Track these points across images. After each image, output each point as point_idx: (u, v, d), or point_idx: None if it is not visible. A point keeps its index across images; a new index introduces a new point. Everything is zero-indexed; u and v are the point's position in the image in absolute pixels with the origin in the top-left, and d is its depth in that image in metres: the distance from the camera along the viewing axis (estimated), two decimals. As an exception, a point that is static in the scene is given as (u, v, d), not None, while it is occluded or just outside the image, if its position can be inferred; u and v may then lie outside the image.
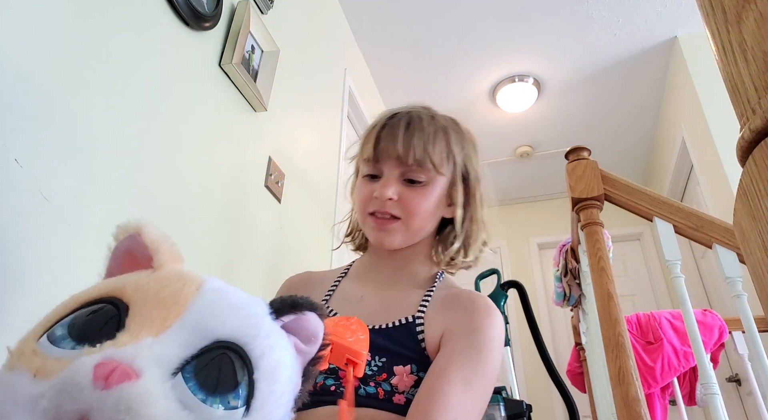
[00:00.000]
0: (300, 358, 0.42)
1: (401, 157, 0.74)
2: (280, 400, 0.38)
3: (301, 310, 0.43)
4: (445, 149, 0.77)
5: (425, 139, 0.75)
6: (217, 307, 0.37)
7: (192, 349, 0.34)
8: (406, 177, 0.76)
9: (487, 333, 0.69)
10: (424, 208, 0.75)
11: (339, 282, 0.84)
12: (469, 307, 0.72)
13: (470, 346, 0.67)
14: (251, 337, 0.36)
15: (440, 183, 0.77)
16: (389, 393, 0.67)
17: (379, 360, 0.69)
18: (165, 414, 0.30)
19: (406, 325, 0.72)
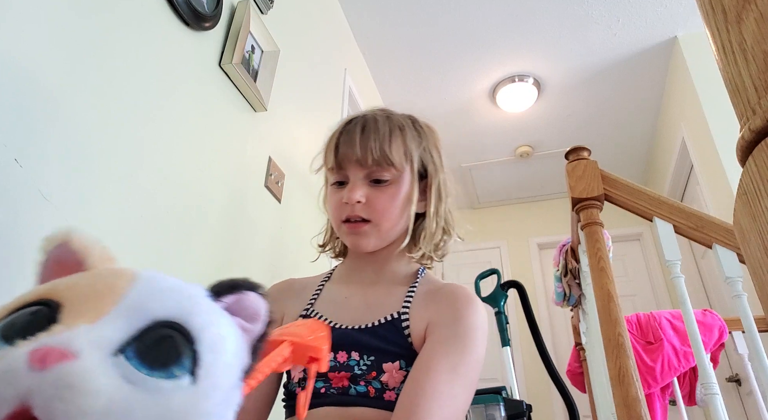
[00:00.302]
0: (246, 337, 0.43)
1: (361, 160, 0.76)
2: (227, 370, 0.38)
3: (241, 290, 0.44)
4: (402, 146, 0.78)
5: (381, 139, 0.76)
6: (153, 292, 0.38)
7: (131, 331, 0.34)
8: (371, 178, 0.77)
9: (469, 321, 0.70)
10: (392, 208, 0.76)
11: (323, 286, 0.84)
12: (450, 298, 0.74)
13: (454, 335, 0.69)
14: (189, 314, 0.37)
15: (405, 180, 0.78)
16: (380, 390, 0.68)
17: (368, 359, 0.70)
18: (108, 389, 0.31)
19: (392, 322, 0.73)
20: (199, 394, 0.35)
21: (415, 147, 0.80)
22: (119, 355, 0.33)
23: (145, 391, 0.32)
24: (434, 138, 0.86)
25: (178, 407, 0.33)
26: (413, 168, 0.79)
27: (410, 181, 0.79)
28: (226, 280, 0.44)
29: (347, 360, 0.71)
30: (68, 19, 0.90)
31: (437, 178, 0.82)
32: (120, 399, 0.31)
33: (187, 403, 0.34)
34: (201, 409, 0.34)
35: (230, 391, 0.39)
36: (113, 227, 0.95)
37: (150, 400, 0.32)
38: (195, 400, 0.34)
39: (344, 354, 0.71)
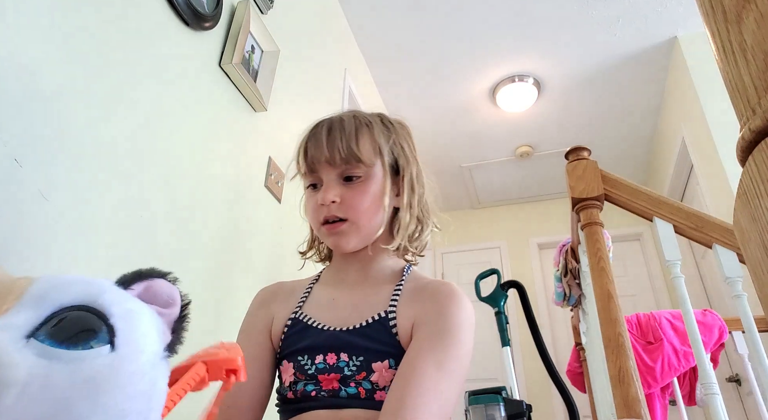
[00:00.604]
0: (164, 320, 0.45)
1: (330, 160, 0.76)
2: (147, 338, 0.40)
3: (147, 278, 0.46)
4: (370, 141, 0.78)
5: (347, 136, 0.77)
6: (55, 285, 0.39)
7: (39, 318, 0.36)
8: (343, 176, 0.78)
9: (453, 316, 0.70)
10: (366, 203, 0.76)
11: (311, 288, 0.85)
12: (435, 294, 0.74)
13: (439, 331, 0.69)
14: (96, 295, 0.39)
15: (377, 174, 0.78)
16: (370, 391, 0.68)
17: (357, 359, 0.70)
18: (24, 363, 0.32)
19: (380, 321, 0.73)
20: (122, 357, 0.36)
21: (384, 141, 0.80)
22: (31, 339, 0.34)
23: (62, 363, 0.34)
24: (405, 132, 0.86)
25: (101, 371, 0.35)
26: (384, 162, 0.79)
27: (382, 175, 0.79)
28: (131, 272, 0.46)
29: (336, 361, 0.71)
30: (68, 19, 0.90)
31: (409, 171, 0.81)
32: (39, 371, 0.32)
33: (110, 366, 0.35)
34: (126, 369, 0.36)
35: (156, 357, 0.41)
36: (113, 227, 0.95)
37: (69, 368, 0.34)
38: (118, 364, 0.36)
39: (333, 356, 0.71)
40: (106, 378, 0.35)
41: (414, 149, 0.86)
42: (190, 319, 0.48)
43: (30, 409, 0.31)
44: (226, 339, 1.06)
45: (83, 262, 0.86)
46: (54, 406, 0.32)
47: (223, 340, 0.62)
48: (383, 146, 0.79)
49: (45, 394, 0.32)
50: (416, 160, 0.85)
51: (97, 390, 0.34)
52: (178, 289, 0.48)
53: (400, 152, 0.82)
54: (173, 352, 0.45)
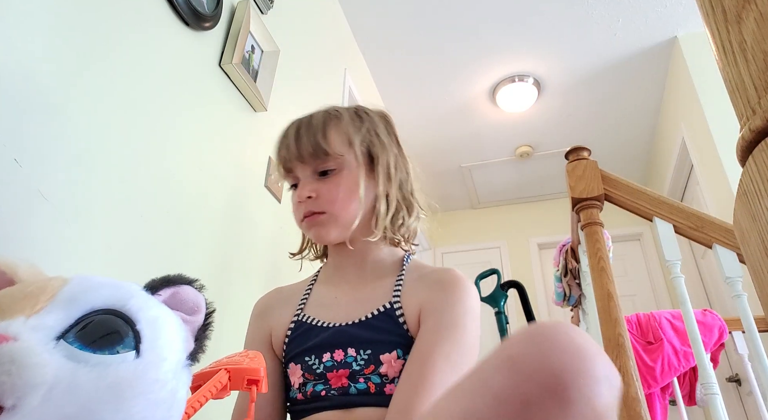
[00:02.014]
0: (188, 327, 0.45)
1: (300, 157, 0.78)
2: (171, 345, 0.41)
3: (175, 284, 0.46)
4: (337, 133, 0.78)
5: (314, 132, 0.78)
6: (87, 287, 0.40)
7: (70, 320, 0.36)
8: (318, 171, 0.78)
9: (461, 305, 0.70)
10: (340, 195, 0.76)
11: (311, 289, 0.85)
12: (440, 282, 0.74)
13: (446, 322, 0.68)
14: (125, 300, 0.39)
15: (350, 165, 0.78)
16: (380, 385, 0.68)
17: (365, 353, 0.70)
18: (52, 364, 0.33)
19: (386, 312, 0.73)
20: (145, 365, 0.37)
21: (354, 131, 0.79)
22: (60, 340, 0.35)
23: (89, 366, 0.34)
24: (382, 121, 0.86)
25: (125, 377, 0.35)
26: (356, 152, 0.79)
27: (356, 165, 0.78)
28: (160, 277, 0.46)
29: (344, 357, 0.70)
30: (68, 19, 0.90)
31: (384, 158, 0.80)
32: (66, 373, 0.33)
33: (134, 372, 0.36)
34: (150, 377, 0.37)
35: (179, 365, 0.41)
36: (113, 227, 0.95)
37: (95, 372, 0.34)
38: (143, 370, 0.36)
39: (341, 352, 0.71)
40: (129, 384, 0.35)
41: (393, 136, 0.85)
42: (213, 328, 0.48)
43: (55, 410, 0.32)
44: (225, 339, 1.07)
45: (83, 262, 0.86)
46: (78, 409, 0.33)
47: (247, 350, 0.62)
48: (353, 136, 0.79)
49: (70, 397, 0.32)
50: (395, 147, 0.84)
51: (121, 396, 0.35)
52: (204, 296, 0.48)
53: (374, 140, 0.81)
54: (195, 361, 0.45)
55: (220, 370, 0.52)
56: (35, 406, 0.31)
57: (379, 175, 0.79)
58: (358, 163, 0.78)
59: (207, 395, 0.47)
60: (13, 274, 0.44)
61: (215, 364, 0.56)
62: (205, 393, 0.47)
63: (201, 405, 0.46)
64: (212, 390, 0.48)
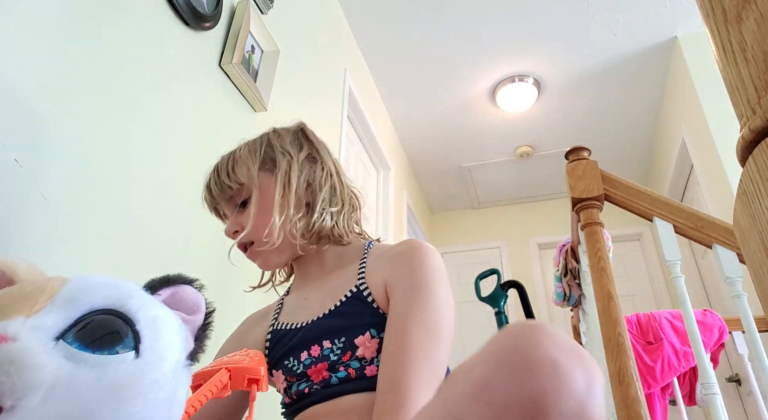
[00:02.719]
0: (188, 327, 0.45)
1: (215, 199, 0.84)
2: (171, 346, 0.41)
3: (174, 284, 0.46)
4: (238, 164, 0.81)
5: (219, 174, 0.82)
6: (86, 286, 0.39)
7: (69, 320, 0.36)
8: (237, 205, 0.82)
9: (423, 269, 0.70)
10: (255, 221, 0.78)
11: (282, 301, 0.87)
12: (399, 253, 0.74)
13: (412, 288, 0.68)
14: (125, 299, 0.39)
15: (258, 189, 0.79)
16: (359, 369, 0.68)
17: (339, 341, 0.70)
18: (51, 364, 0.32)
19: (354, 295, 0.73)
20: (145, 365, 0.37)
21: (250, 155, 0.81)
22: (60, 340, 0.34)
23: (88, 367, 0.34)
24: (290, 132, 0.88)
25: (125, 377, 0.35)
26: (258, 175, 0.80)
27: (265, 186, 0.79)
28: (159, 277, 0.46)
29: (321, 351, 0.71)
30: (68, 19, 0.90)
31: (281, 168, 0.81)
32: (65, 374, 0.33)
33: (133, 373, 0.36)
34: (149, 377, 0.37)
35: (178, 365, 0.41)
36: (113, 227, 0.95)
37: (95, 373, 0.34)
38: (142, 371, 0.36)
39: (317, 347, 0.72)
40: (129, 384, 0.35)
41: (300, 142, 0.86)
42: (213, 328, 0.48)
43: (54, 411, 0.32)
44: (225, 339, 1.06)
45: (83, 262, 0.86)
46: (78, 410, 0.33)
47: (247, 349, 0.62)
48: (251, 162, 0.81)
49: (70, 398, 0.32)
50: (300, 151, 0.84)
51: (121, 396, 0.34)
52: (204, 296, 0.48)
53: (271, 155, 0.82)
54: (195, 361, 0.45)
55: (220, 369, 0.52)
56: (34, 406, 0.31)
57: (277, 187, 0.79)
58: (265, 183, 0.79)
59: (207, 394, 0.47)
60: (12, 274, 0.44)
61: (216, 363, 0.55)
62: (206, 392, 0.47)
63: (201, 404, 0.46)
64: (213, 389, 0.48)
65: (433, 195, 4.12)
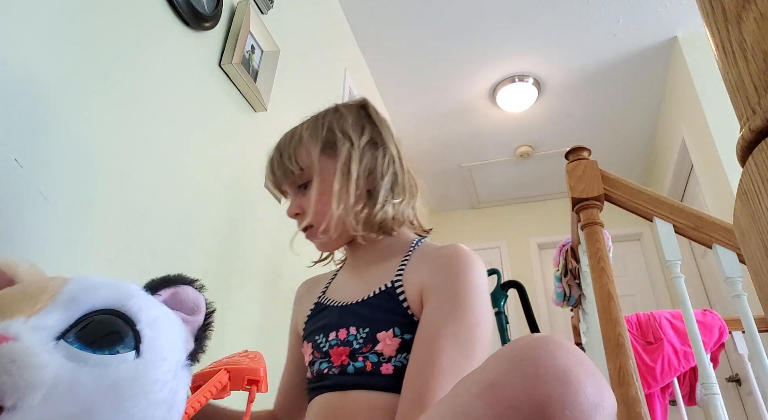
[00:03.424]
0: (188, 327, 0.45)
1: (277, 183, 0.84)
2: (171, 346, 0.41)
3: (175, 284, 0.46)
4: (299, 147, 0.81)
5: (280, 157, 0.82)
6: (87, 286, 0.40)
7: (70, 320, 0.36)
8: (298, 186, 0.82)
9: (463, 279, 0.67)
10: (317, 205, 0.78)
11: (335, 275, 0.89)
12: (440, 258, 0.71)
13: (449, 299, 0.66)
14: (125, 299, 0.39)
15: (320, 174, 0.79)
16: (376, 364, 0.67)
17: (363, 331, 0.70)
18: (52, 364, 0.33)
19: (386, 291, 0.72)
20: (145, 365, 0.37)
21: (314, 140, 0.80)
22: (60, 340, 0.35)
23: (89, 366, 0.34)
24: (353, 111, 0.85)
25: (126, 377, 0.35)
26: (319, 160, 0.79)
27: (326, 173, 0.79)
28: (159, 277, 0.46)
29: (347, 336, 0.71)
30: (68, 19, 0.90)
31: (343, 155, 0.79)
32: (66, 373, 0.33)
33: (134, 372, 0.36)
34: (150, 377, 0.37)
35: (179, 365, 0.41)
36: (113, 227, 0.95)
37: (95, 372, 0.34)
38: (143, 370, 0.37)
39: (344, 331, 0.72)
40: (130, 384, 0.35)
41: (362, 123, 0.83)
42: (213, 328, 0.48)
43: (55, 410, 0.32)
44: (225, 339, 1.06)
45: (83, 262, 0.86)
46: (78, 409, 0.33)
47: (247, 349, 0.62)
48: (312, 145, 0.80)
49: (71, 397, 0.32)
50: (362, 135, 0.81)
51: (121, 396, 0.35)
52: (204, 297, 0.48)
53: (333, 138, 0.80)
54: (195, 361, 0.45)
55: (220, 370, 0.52)
56: (35, 406, 0.31)
57: (337, 174, 0.77)
58: (326, 169, 0.79)
59: (207, 395, 0.47)
60: (13, 274, 0.44)
61: (215, 364, 0.56)
62: (205, 393, 0.47)
63: (201, 405, 0.46)
64: (212, 390, 0.48)
65: (433, 195, 4.12)
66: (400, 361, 0.66)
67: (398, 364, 0.66)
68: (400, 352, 0.67)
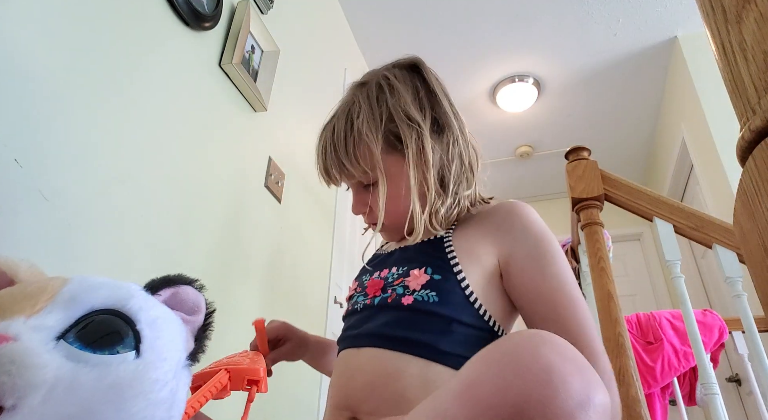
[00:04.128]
0: (188, 327, 0.45)
1: (336, 180, 0.78)
2: (172, 346, 0.41)
3: (175, 284, 0.46)
4: (358, 146, 0.73)
5: (338, 149, 0.74)
6: (87, 287, 0.40)
7: (69, 320, 0.36)
8: (360, 182, 0.78)
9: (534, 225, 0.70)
10: (386, 206, 0.74)
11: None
12: (508, 217, 0.71)
13: (536, 247, 0.67)
14: (125, 299, 0.39)
15: (390, 177, 0.73)
16: (400, 295, 0.67)
17: (401, 268, 0.71)
18: (52, 364, 0.33)
19: (434, 241, 0.72)
20: (145, 365, 0.37)
21: (374, 134, 0.72)
22: (60, 340, 0.35)
23: (89, 366, 0.34)
24: (411, 85, 0.77)
25: (126, 377, 0.35)
26: (384, 159, 0.73)
27: (395, 173, 0.73)
28: (160, 277, 0.46)
29: (387, 274, 0.72)
30: (68, 19, 0.90)
31: (413, 146, 0.72)
32: (66, 374, 0.33)
33: (134, 372, 0.36)
34: (150, 377, 0.37)
35: (179, 365, 0.41)
36: (113, 227, 0.95)
37: (95, 373, 0.34)
38: (143, 370, 0.37)
39: (386, 270, 0.73)
40: (130, 384, 0.35)
41: (422, 97, 0.76)
42: (213, 328, 0.48)
43: (55, 411, 0.32)
44: (225, 339, 1.07)
45: (83, 262, 0.86)
46: (78, 410, 0.33)
47: (247, 349, 0.62)
48: (373, 142, 0.72)
49: (70, 397, 0.32)
50: (423, 114, 0.74)
51: (121, 396, 0.35)
52: (204, 296, 0.48)
53: (398, 127, 0.73)
54: (195, 361, 0.45)
55: (220, 370, 0.52)
56: (35, 406, 0.31)
57: (410, 169, 0.72)
58: (390, 167, 0.73)
59: (207, 395, 0.47)
60: (13, 274, 0.44)
61: (215, 365, 0.56)
62: (205, 393, 0.47)
63: (201, 405, 0.46)
64: (212, 390, 0.48)
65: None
66: (421, 296, 0.66)
67: (419, 298, 0.65)
68: (425, 288, 0.66)
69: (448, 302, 0.64)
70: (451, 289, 0.65)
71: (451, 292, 0.65)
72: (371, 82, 0.79)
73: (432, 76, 0.80)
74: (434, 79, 0.80)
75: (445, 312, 0.64)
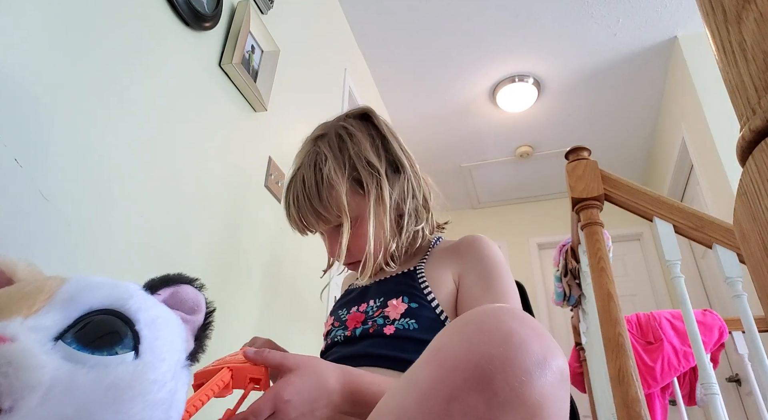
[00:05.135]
0: (188, 327, 0.45)
1: (307, 226, 0.83)
2: (170, 346, 0.40)
3: (175, 283, 0.45)
4: (329, 193, 0.78)
5: (311, 198, 0.79)
6: (85, 286, 0.39)
7: (68, 320, 0.36)
8: (331, 225, 0.82)
9: (489, 257, 0.78)
10: (357, 244, 0.80)
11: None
12: (462, 245, 0.81)
13: (484, 271, 0.75)
14: (124, 299, 0.39)
15: (357, 215, 0.79)
16: (380, 326, 0.72)
17: (378, 300, 0.76)
18: (50, 365, 0.32)
19: (408, 273, 0.79)
20: (144, 365, 0.37)
21: (341, 180, 0.78)
22: (58, 341, 0.34)
23: (87, 367, 0.34)
24: (366, 133, 0.83)
25: (124, 378, 0.35)
26: (351, 200, 0.79)
27: (360, 210, 0.79)
28: (159, 276, 0.46)
29: (366, 308, 0.77)
30: (68, 19, 0.90)
31: (370, 196, 0.79)
32: (63, 375, 0.32)
33: (133, 373, 0.36)
34: (149, 378, 0.37)
35: (178, 365, 0.41)
36: (113, 227, 0.95)
37: (94, 373, 0.34)
38: (141, 371, 0.36)
39: (365, 304, 0.78)
40: (128, 385, 0.35)
41: (378, 144, 0.83)
42: (213, 327, 0.48)
43: (53, 412, 0.31)
44: (225, 338, 1.07)
45: (82, 262, 0.86)
46: (76, 411, 0.32)
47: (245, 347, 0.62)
48: (340, 186, 0.77)
49: (68, 398, 0.32)
50: (379, 159, 0.81)
51: (120, 397, 0.34)
52: (204, 296, 0.48)
53: (360, 172, 0.79)
54: (195, 361, 0.45)
55: (222, 368, 0.52)
56: (33, 407, 0.30)
57: (370, 210, 0.78)
58: (353, 209, 0.79)
59: (209, 394, 0.47)
60: (11, 273, 0.44)
61: (218, 362, 0.55)
62: (207, 391, 0.47)
63: (203, 403, 0.46)
64: (214, 388, 0.48)
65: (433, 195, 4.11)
66: (402, 324, 0.71)
67: (399, 327, 0.71)
68: (405, 316, 0.71)
69: (426, 328, 0.70)
70: (427, 315, 0.72)
71: (428, 317, 0.72)
72: (330, 133, 0.84)
73: (382, 122, 0.86)
74: (384, 124, 0.86)
75: (425, 337, 0.69)
